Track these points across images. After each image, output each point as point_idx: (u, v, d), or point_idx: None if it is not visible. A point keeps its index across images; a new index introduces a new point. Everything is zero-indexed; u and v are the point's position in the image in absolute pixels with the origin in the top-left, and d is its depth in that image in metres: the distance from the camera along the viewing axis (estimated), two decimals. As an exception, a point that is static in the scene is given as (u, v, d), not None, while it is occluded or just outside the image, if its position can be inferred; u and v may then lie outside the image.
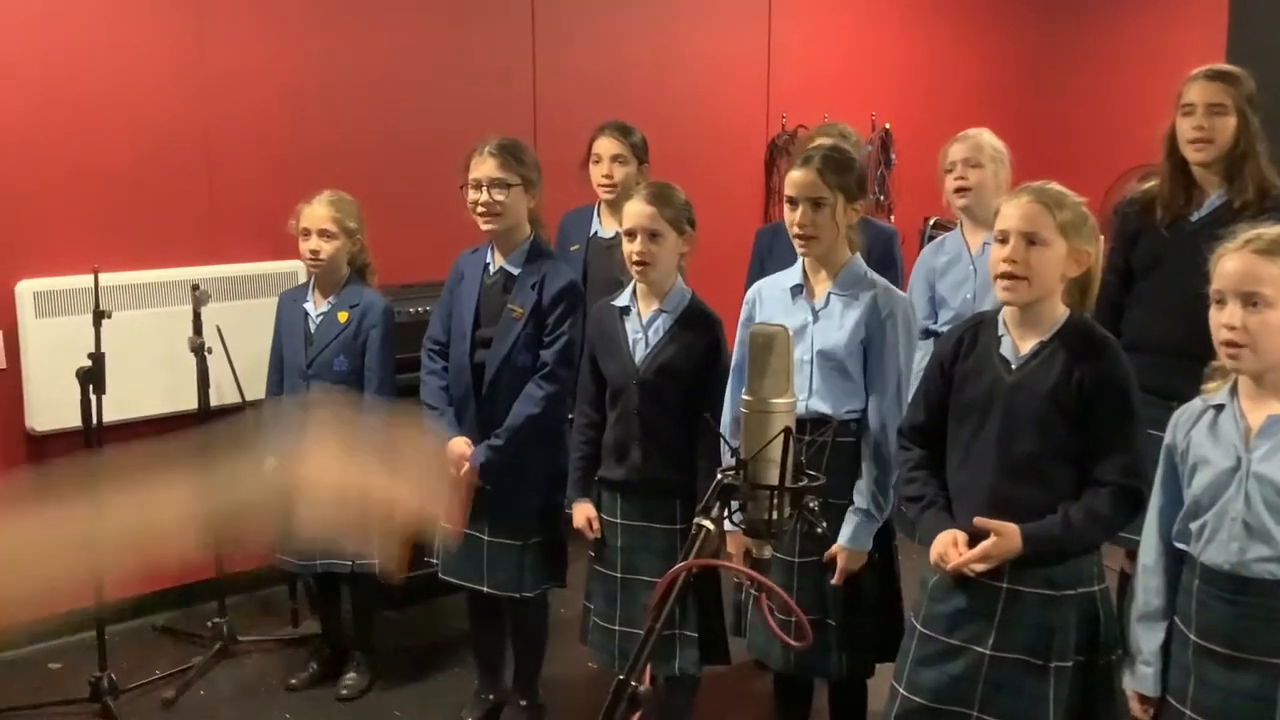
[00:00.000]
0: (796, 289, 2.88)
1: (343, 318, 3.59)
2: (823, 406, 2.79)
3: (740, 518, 1.61)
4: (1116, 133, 6.05)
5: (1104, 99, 6.61)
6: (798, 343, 2.52)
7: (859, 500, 2.77)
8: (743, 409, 1.61)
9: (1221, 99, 3.13)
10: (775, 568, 2.70)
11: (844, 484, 2.78)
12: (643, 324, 3.03)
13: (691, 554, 1.54)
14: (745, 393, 1.61)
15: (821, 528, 1.70)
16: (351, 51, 4.43)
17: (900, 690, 2.48)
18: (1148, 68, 6.20)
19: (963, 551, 2.39)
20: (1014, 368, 2.42)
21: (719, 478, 1.59)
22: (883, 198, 6.14)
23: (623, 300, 3.09)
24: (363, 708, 3.62)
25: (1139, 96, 5.63)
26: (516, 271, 3.26)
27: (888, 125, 6.19)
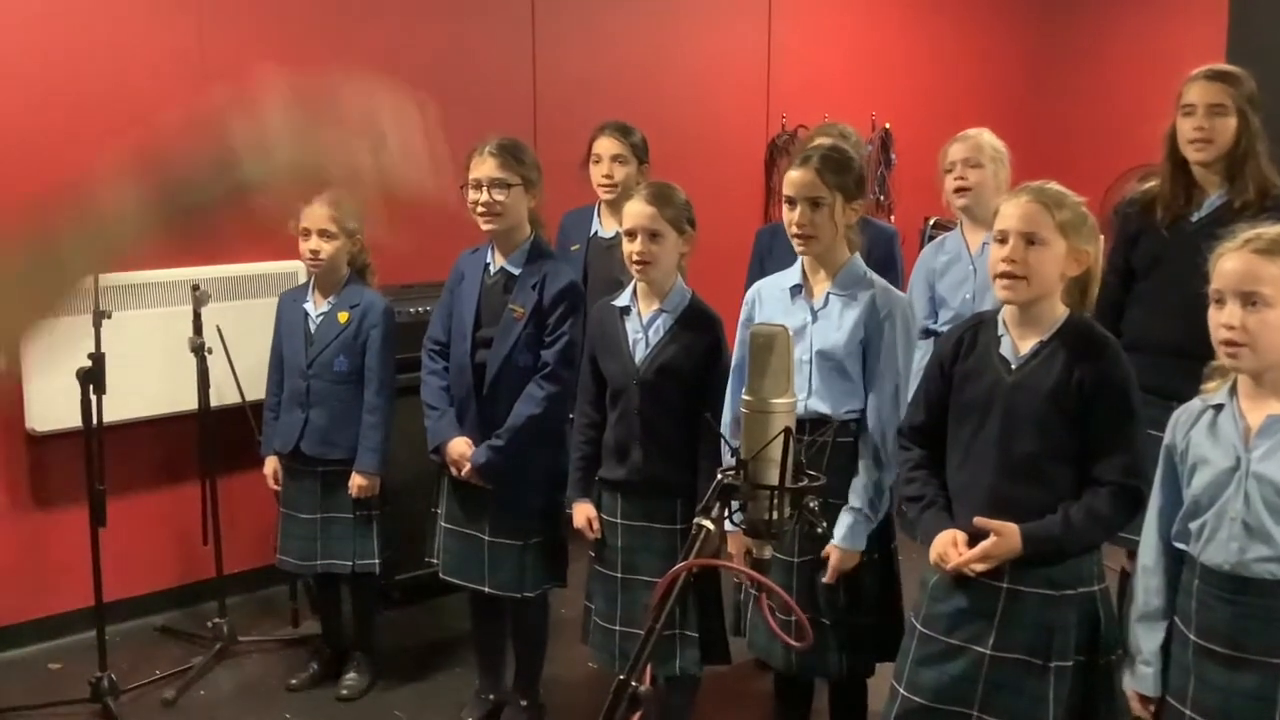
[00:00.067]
0: (795, 289, 2.88)
1: (343, 318, 3.59)
2: (822, 407, 2.79)
3: (740, 518, 1.61)
4: (1116, 133, 6.05)
5: (1104, 99, 6.61)
6: (797, 343, 2.52)
7: (854, 500, 2.77)
8: (743, 409, 1.61)
9: (1222, 99, 3.13)
10: (775, 568, 2.70)
11: (843, 484, 2.78)
12: (643, 324, 3.03)
13: (692, 554, 1.54)
14: (745, 393, 1.61)
15: (822, 528, 1.70)
16: (351, 51, 4.43)
17: (900, 690, 2.48)
18: (1147, 68, 6.19)
19: (962, 551, 2.39)
20: (1014, 368, 2.42)
21: (719, 478, 1.59)
22: (883, 198, 6.14)
23: (623, 300, 3.09)
24: (363, 708, 3.62)
25: (1139, 96, 5.63)
26: (517, 271, 3.26)
27: (888, 125, 6.19)
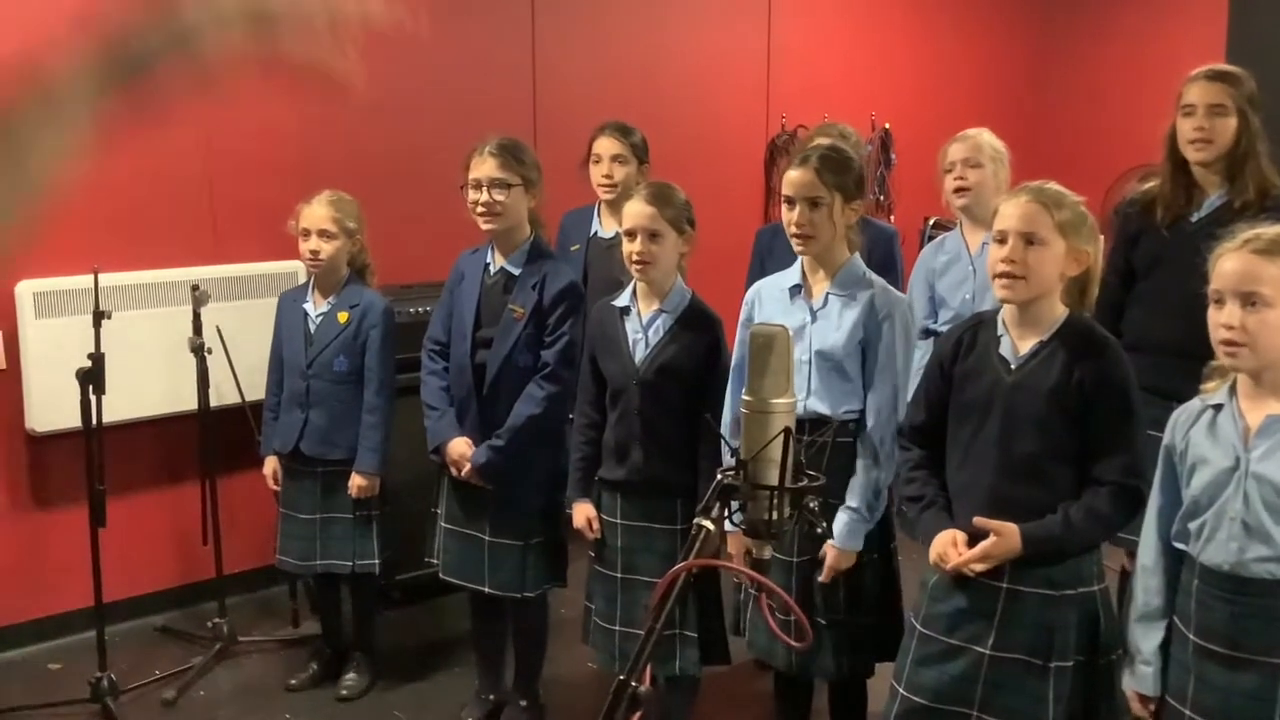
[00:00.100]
0: (795, 289, 2.88)
1: (343, 318, 3.59)
2: (821, 407, 2.79)
3: (740, 518, 1.60)
4: (1116, 133, 6.06)
5: (1104, 99, 6.61)
6: (796, 343, 2.52)
7: (852, 500, 2.77)
8: (743, 409, 1.61)
9: (1222, 99, 3.13)
10: (775, 568, 2.70)
11: (843, 484, 2.78)
12: (643, 324, 3.03)
13: (691, 554, 1.54)
14: (745, 393, 1.61)
15: (821, 528, 1.70)
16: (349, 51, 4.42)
17: (900, 690, 2.48)
18: (1147, 68, 6.19)
19: (962, 551, 2.39)
20: (1013, 368, 2.42)
21: (719, 478, 1.59)
22: (883, 198, 6.14)
23: (623, 300, 3.09)
24: (363, 708, 3.62)
25: (1139, 96, 5.64)
26: (517, 272, 3.26)
27: (888, 125, 6.19)
